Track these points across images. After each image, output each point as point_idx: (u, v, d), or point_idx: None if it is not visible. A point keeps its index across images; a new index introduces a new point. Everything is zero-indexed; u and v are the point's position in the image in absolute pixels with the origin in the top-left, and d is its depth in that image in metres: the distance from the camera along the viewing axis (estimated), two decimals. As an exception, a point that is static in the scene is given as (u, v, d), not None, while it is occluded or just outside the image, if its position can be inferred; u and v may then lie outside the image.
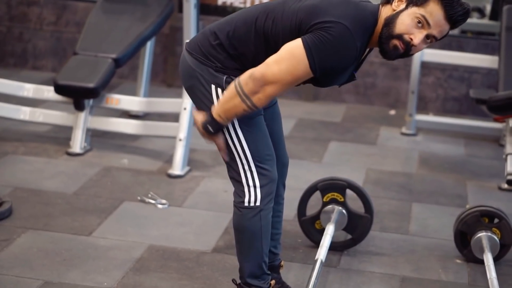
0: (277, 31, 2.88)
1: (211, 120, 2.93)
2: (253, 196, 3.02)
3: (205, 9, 6.18)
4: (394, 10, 2.83)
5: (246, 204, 3.03)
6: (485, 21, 7.30)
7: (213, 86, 2.97)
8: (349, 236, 3.86)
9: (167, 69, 6.40)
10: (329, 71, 2.83)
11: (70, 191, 4.35)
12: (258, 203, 3.02)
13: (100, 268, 3.54)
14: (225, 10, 6.31)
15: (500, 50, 5.21)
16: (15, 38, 6.59)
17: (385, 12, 2.86)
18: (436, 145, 5.54)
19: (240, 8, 6.18)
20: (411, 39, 2.81)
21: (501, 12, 5.48)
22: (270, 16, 2.91)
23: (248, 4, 6.28)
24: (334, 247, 3.78)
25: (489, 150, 5.47)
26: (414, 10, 2.80)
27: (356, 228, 3.81)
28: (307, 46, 2.77)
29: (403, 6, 2.82)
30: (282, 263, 3.39)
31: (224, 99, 2.88)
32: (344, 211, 3.77)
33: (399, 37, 2.82)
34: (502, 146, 5.30)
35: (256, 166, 2.99)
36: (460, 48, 6.07)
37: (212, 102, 2.96)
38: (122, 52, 5.05)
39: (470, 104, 6.00)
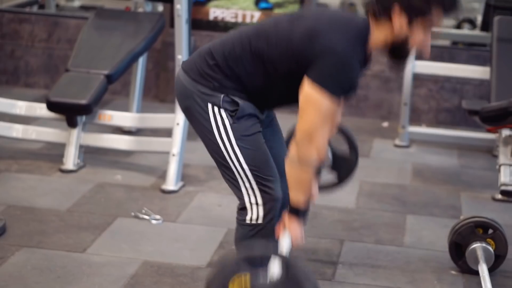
0: (272, 55, 2.89)
1: (302, 211, 2.93)
2: (255, 213, 3.02)
3: (197, 24, 6.19)
4: (397, 26, 2.82)
5: (248, 221, 3.03)
6: (477, 32, 7.34)
7: (209, 105, 2.96)
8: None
9: (160, 85, 6.40)
10: (348, 88, 2.85)
11: (64, 208, 4.34)
12: (260, 221, 3.02)
13: (94, 285, 3.53)
14: (216, 25, 6.33)
15: (492, 61, 5.22)
16: (6, 55, 6.58)
17: (384, 28, 2.85)
18: (430, 156, 5.54)
19: (232, 23, 6.20)
20: (424, 48, 2.87)
21: (492, 23, 5.50)
22: (263, 37, 2.91)
23: (239, 19, 6.29)
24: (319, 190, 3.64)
25: (482, 161, 5.48)
26: (422, 22, 2.81)
27: (341, 169, 3.73)
28: (317, 83, 2.77)
29: (404, 21, 2.81)
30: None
31: (292, 184, 2.89)
32: (328, 152, 3.64)
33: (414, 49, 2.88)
34: (496, 156, 5.30)
35: (257, 184, 2.99)
36: (452, 59, 6.08)
37: (209, 122, 2.95)
38: (114, 68, 5.05)
39: (462, 115, 6.01)
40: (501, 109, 4.46)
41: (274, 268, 2.72)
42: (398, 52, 2.89)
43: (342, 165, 3.72)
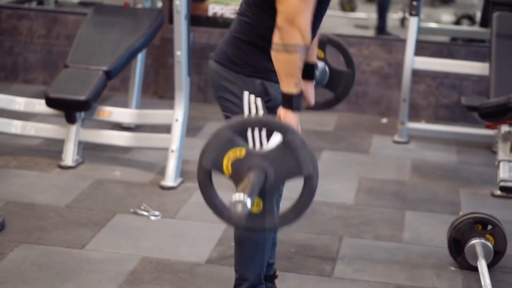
0: None
1: (295, 98, 2.82)
2: None
3: (196, 20, 6.18)
4: None
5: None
6: (476, 28, 7.34)
7: (245, 93, 2.94)
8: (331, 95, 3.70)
9: (159, 81, 6.40)
10: None
11: (63, 204, 4.34)
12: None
13: (93, 281, 3.53)
14: (216, 21, 6.32)
15: (491, 57, 5.22)
16: (5, 51, 6.57)
17: None
18: (429, 152, 5.54)
19: (231, 19, 6.19)
20: None
21: (491, 19, 5.49)
22: None
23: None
24: (317, 107, 3.54)
25: (481, 157, 5.48)
26: None
27: (339, 85, 3.62)
28: None
29: None
30: (277, 273, 3.38)
31: (280, 70, 2.80)
32: (326, 67, 3.51)
33: None
34: (495, 152, 5.30)
35: None
36: (451, 55, 6.08)
37: (243, 111, 2.94)
38: (113, 64, 5.05)
39: (461, 111, 6.01)
40: (500, 105, 4.46)
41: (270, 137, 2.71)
42: None
43: (340, 80, 3.61)
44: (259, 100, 2.95)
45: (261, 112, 2.95)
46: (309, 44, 2.81)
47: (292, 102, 2.82)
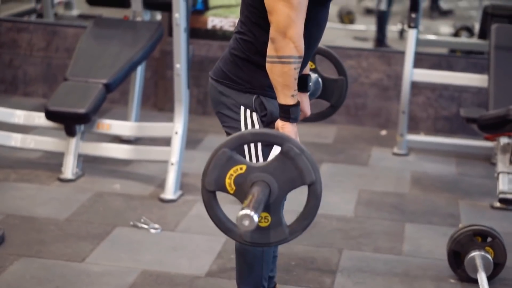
0: (252, 10, 2.88)
1: (292, 108, 2.83)
2: None
3: (195, 33, 6.20)
4: None
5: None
6: (474, 40, 7.35)
7: (242, 108, 2.96)
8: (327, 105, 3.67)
9: (158, 93, 6.40)
10: None
11: (63, 217, 4.34)
12: None
13: (93, 294, 3.53)
14: (215, 34, 6.33)
15: (490, 69, 5.23)
16: (5, 64, 6.58)
17: None
18: (428, 164, 5.55)
19: (230, 32, 6.20)
20: None
21: (489, 31, 5.51)
22: (246, 5, 2.91)
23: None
24: (314, 118, 3.58)
25: (480, 169, 5.48)
26: None
27: (333, 93, 3.61)
28: None
29: None
30: (277, 286, 3.38)
31: (276, 82, 2.80)
32: (319, 78, 3.51)
33: None
34: (494, 164, 5.31)
35: None
36: (450, 67, 6.09)
37: (240, 126, 2.95)
38: (113, 77, 5.06)
39: (460, 123, 6.02)
40: (499, 117, 4.47)
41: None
42: None
43: (334, 89, 3.58)
44: (255, 114, 2.96)
45: (257, 126, 2.96)
46: (303, 54, 2.81)
47: (289, 113, 2.83)
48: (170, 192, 4.65)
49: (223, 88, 2.99)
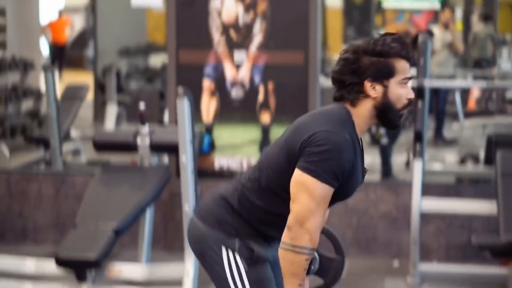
0: (280, 181, 2.91)
1: None
2: None
3: (202, 174, 6.24)
4: (376, 97, 2.87)
5: None
6: (480, 167, 7.39)
7: (223, 248, 2.95)
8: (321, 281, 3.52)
9: (168, 235, 6.40)
10: (342, 175, 2.85)
11: None
12: None
13: None
14: (222, 174, 6.37)
15: (498, 196, 5.24)
16: (15, 215, 6.61)
17: (364, 104, 2.89)
18: (443, 294, 5.48)
19: (236, 172, 6.25)
20: (410, 98, 2.91)
21: (495, 157, 5.55)
22: (265, 170, 2.96)
23: (244, 168, 6.34)
24: None
25: (497, 296, 5.41)
26: (394, 81, 2.87)
27: (328, 272, 3.54)
28: (307, 169, 2.79)
29: (380, 87, 2.87)
30: None
31: (285, 269, 2.85)
32: (316, 255, 3.42)
33: (404, 107, 2.91)
34: (510, 291, 5.24)
35: None
36: (458, 195, 6.09)
37: (223, 267, 2.94)
38: (122, 222, 5.07)
39: (473, 251, 5.96)
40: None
41: None
42: (389, 116, 2.91)
43: (329, 268, 3.59)
44: (237, 256, 2.97)
45: (242, 268, 2.94)
46: (316, 247, 2.88)
47: None
48: (184, 335, 4.58)
49: (206, 229, 3.00)
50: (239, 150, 6.42)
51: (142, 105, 5.61)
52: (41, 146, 7.73)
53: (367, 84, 2.87)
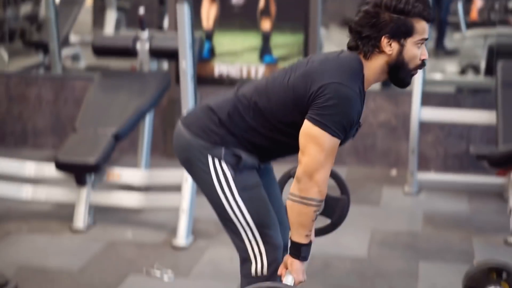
0: (274, 109, 2.92)
1: (304, 247, 2.89)
2: (259, 264, 3.00)
3: (202, 80, 6.23)
4: (390, 54, 2.86)
5: (253, 273, 3.01)
6: (481, 78, 7.37)
7: (209, 157, 2.97)
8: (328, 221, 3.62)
9: (167, 141, 6.42)
10: (350, 127, 2.87)
11: (75, 268, 4.33)
12: (265, 272, 3.00)
13: None
14: (221, 81, 6.36)
15: (497, 106, 5.24)
16: (14, 118, 6.62)
17: (377, 58, 2.89)
18: (440, 202, 5.53)
19: (236, 80, 6.24)
20: (423, 59, 2.90)
21: (495, 68, 5.53)
22: (263, 93, 2.95)
23: (244, 74, 6.33)
24: (315, 234, 3.45)
25: (493, 205, 5.46)
26: (411, 40, 2.86)
27: (334, 211, 3.61)
28: (318, 122, 2.80)
29: (396, 45, 2.86)
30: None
31: (293, 220, 2.87)
32: None
33: (416, 68, 2.90)
34: (506, 200, 5.28)
35: (261, 235, 2.99)
36: (458, 105, 6.09)
37: (210, 175, 2.96)
38: (122, 127, 5.08)
39: (471, 160, 6.00)
40: (510, 153, 4.46)
41: None
42: (400, 74, 2.91)
43: (335, 207, 3.65)
44: (224, 163, 2.97)
45: (228, 175, 2.96)
46: (324, 197, 2.88)
47: (300, 251, 2.89)
48: (182, 238, 4.64)
49: (192, 136, 2.99)
50: (239, 57, 6.40)
51: (141, 10, 5.56)
52: (40, 50, 7.68)
53: (384, 40, 2.85)
